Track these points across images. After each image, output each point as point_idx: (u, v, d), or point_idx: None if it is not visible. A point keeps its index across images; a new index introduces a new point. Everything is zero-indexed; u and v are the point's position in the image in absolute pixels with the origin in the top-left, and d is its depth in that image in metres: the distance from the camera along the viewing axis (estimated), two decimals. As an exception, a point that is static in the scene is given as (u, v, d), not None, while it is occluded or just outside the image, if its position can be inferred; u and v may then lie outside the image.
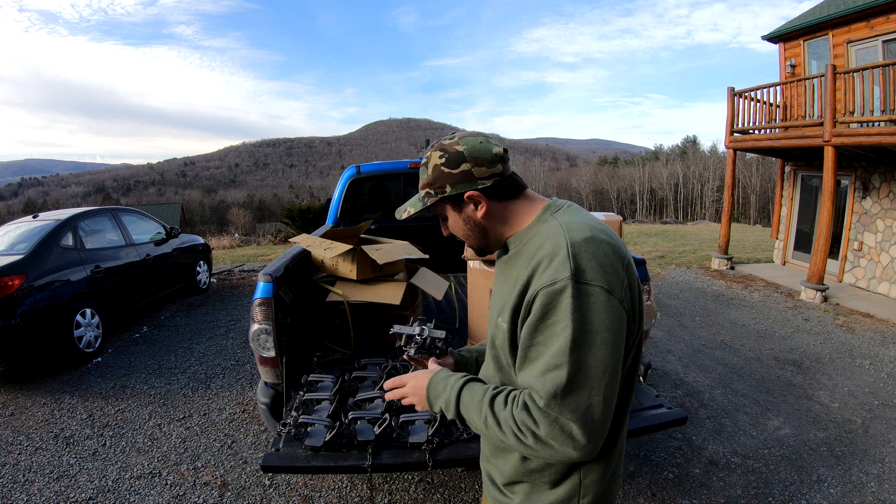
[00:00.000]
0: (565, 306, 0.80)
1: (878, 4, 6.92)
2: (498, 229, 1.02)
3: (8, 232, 4.79)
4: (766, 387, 3.89)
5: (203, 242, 7.29)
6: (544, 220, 0.97)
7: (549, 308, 0.82)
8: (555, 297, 0.81)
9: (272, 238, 17.03)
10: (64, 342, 4.26)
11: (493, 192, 0.98)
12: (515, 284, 0.91)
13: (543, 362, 0.82)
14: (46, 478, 2.76)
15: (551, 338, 0.82)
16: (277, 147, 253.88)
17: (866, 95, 6.02)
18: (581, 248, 0.84)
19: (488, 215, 1.00)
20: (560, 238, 0.87)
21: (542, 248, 0.88)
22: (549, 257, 0.85)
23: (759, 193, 52.45)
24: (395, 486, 2.63)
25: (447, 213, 1.04)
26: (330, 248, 2.74)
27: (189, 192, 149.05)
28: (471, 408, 0.93)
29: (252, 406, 3.58)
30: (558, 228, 0.90)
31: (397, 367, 2.47)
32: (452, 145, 0.98)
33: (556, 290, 0.81)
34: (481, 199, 0.98)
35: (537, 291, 0.83)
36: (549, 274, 0.83)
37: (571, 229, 0.88)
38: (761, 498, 2.56)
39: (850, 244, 7.65)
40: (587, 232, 0.87)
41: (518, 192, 1.01)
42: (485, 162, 0.96)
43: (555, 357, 0.80)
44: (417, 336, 1.19)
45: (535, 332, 0.84)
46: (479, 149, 0.96)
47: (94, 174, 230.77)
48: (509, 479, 1.02)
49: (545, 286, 0.82)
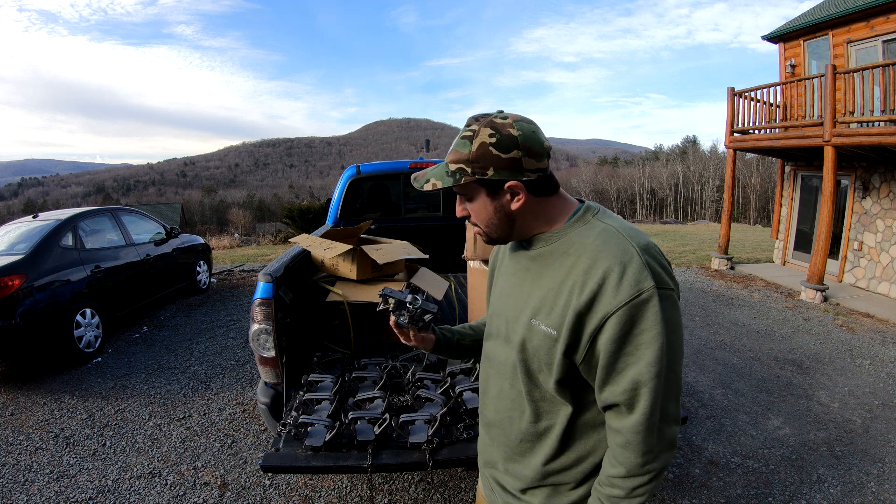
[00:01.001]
0: (653, 315, 0.80)
1: (878, 4, 6.92)
2: (528, 224, 0.96)
3: (8, 232, 4.79)
4: (766, 387, 3.89)
5: (203, 242, 7.29)
6: (587, 222, 0.93)
7: (638, 319, 0.81)
8: (642, 307, 0.80)
9: (272, 238, 17.03)
10: (64, 342, 4.26)
11: (533, 187, 0.92)
12: (568, 289, 0.86)
13: (640, 374, 0.82)
14: (46, 478, 2.76)
15: (642, 347, 0.81)
16: (277, 147, 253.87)
17: (866, 95, 6.02)
18: (649, 254, 0.85)
19: (523, 208, 0.93)
20: (625, 244, 0.85)
21: (604, 254, 0.84)
22: (621, 266, 0.82)
23: (759, 193, 52.45)
24: (395, 486, 2.63)
25: (476, 195, 0.94)
26: (330, 248, 2.74)
27: (189, 192, 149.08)
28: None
29: (252, 406, 3.58)
30: (616, 234, 0.87)
31: (397, 367, 2.47)
32: (506, 127, 0.89)
33: (643, 300, 0.80)
34: (521, 191, 0.91)
35: (619, 306, 0.80)
36: (630, 284, 0.81)
37: (630, 235, 0.87)
38: (761, 498, 2.56)
39: (850, 244, 7.65)
40: (643, 237, 0.88)
41: (555, 190, 0.96)
42: (535, 154, 0.89)
43: (652, 367, 0.81)
44: (409, 305, 1.12)
45: (623, 344, 0.82)
46: (533, 139, 0.89)
47: (94, 174, 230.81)
48: (529, 484, 1.00)
49: (631, 298, 0.80)
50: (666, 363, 0.82)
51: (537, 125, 0.92)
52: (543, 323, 0.90)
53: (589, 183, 73.84)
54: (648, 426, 0.83)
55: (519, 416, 0.99)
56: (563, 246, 0.92)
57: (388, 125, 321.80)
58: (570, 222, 0.94)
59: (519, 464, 1.01)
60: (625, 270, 0.81)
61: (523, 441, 0.99)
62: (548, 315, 0.89)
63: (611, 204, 69.18)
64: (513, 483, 1.03)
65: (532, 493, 1.00)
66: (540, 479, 0.98)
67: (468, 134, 0.90)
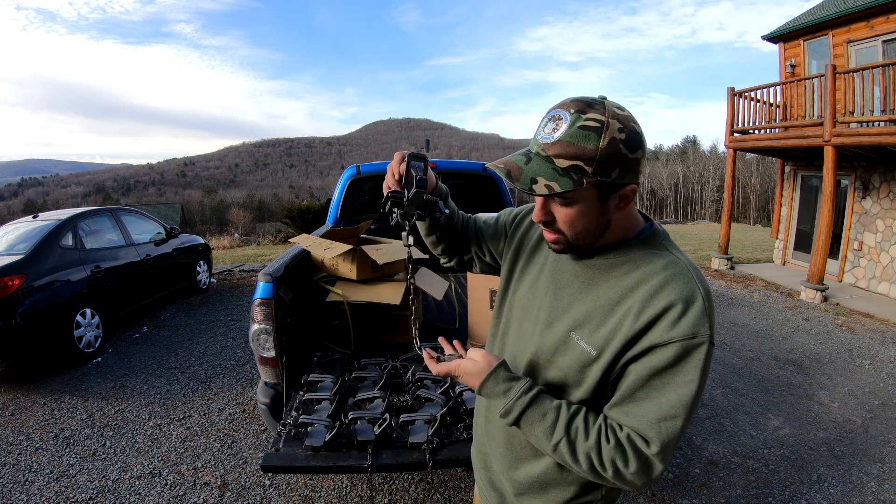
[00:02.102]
0: (698, 362, 0.77)
1: (878, 4, 6.92)
2: (616, 231, 0.88)
3: (8, 232, 4.79)
4: (766, 387, 3.90)
5: (203, 242, 7.29)
6: (656, 246, 0.88)
7: (682, 359, 0.78)
8: (692, 351, 0.77)
9: (272, 238, 17.04)
10: (64, 342, 4.26)
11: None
12: (622, 312, 0.82)
13: (659, 410, 0.78)
14: (46, 478, 2.76)
15: (672, 386, 0.78)
16: (277, 147, 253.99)
17: (866, 95, 6.02)
18: (710, 302, 0.81)
19: (624, 214, 0.86)
20: (693, 285, 0.81)
21: (669, 288, 0.80)
22: (684, 304, 0.78)
23: (759, 193, 52.46)
24: (395, 486, 2.63)
25: (584, 199, 0.81)
26: (330, 248, 2.74)
27: (189, 192, 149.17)
28: (537, 427, 0.84)
29: (252, 406, 3.58)
30: (686, 270, 0.83)
31: (397, 367, 2.47)
32: (630, 121, 0.77)
33: (695, 344, 0.77)
34: (634, 195, 0.82)
35: (671, 341, 0.77)
36: (689, 325, 0.77)
37: (698, 276, 0.83)
38: (761, 498, 2.56)
39: (850, 244, 7.65)
40: (706, 282, 0.84)
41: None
42: (644, 153, 0.80)
43: (674, 408, 0.78)
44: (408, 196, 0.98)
45: (654, 376, 0.79)
46: (642, 134, 0.79)
47: (93, 174, 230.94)
48: (527, 490, 0.99)
49: (686, 337, 0.77)
50: (690, 411, 0.79)
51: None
52: (584, 340, 0.85)
53: (589, 183, 73.74)
54: (647, 457, 0.79)
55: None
56: (625, 264, 0.86)
57: (389, 125, 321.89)
58: (638, 241, 0.88)
59: (519, 469, 0.99)
60: (687, 309, 0.78)
61: (527, 447, 0.96)
62: (591, 333, 0.84)
63: (611, 204, 69.14)
64: (510, 488, 1.02)
65: (530, 497, 0.99)
66: (540, 485, 0.96)
67: (594, 125, 0.75)
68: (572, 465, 0.83)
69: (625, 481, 0.80)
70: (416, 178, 0.98)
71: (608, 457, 0.79)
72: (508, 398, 0.86)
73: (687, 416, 0.78)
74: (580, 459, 0.81)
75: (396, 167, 0.99)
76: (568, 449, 0.82)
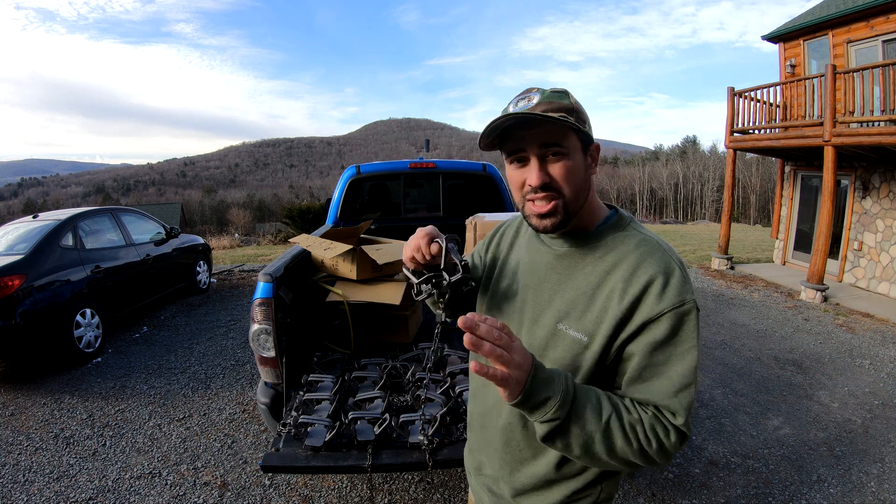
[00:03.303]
0: (692, 328, 0.81)
1: (878, 4, 6.92)
2: (588, 216, 0.91)
3: (8, 232, 4.79)
4: (766, 387, 3.90)
5: (203, 242, 7.29)
6: (624, 229, 0.91)
7: (678, 329, 0.81)
8: (683, 318, 0.81)
9: (272, 238, 17.03)
10: (64, 342, 4.26)
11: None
12: (605, 295, 0.84)
13: (672, 383, 0.80)
14: (46, 478, 2.76)
15: (676, 357, 0.81)
16: (277, 147, 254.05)
17: (866, 95, 6.02)
18: (686, 271, 0.86)
19: (591, 182, 0.91)
20: (667, 258, 0.85)
21: (646, 264, 0.84)
22: (664, 276, 0.82)
23: (759, 193, 52.46)
24: (395, 486, 2.63)
25: (574, 149, 0.85)
26: (330, 248, 2.74)
27: (189, 192, 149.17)
28: (587, 407, 0.78)
29: (252, 406, 3.58)
30: (657, 245, 0.87)
31: (397, 367, 2.47)
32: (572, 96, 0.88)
33: (685, 311, 0.81)
34: (598, 153, 0.90)
35: (662, 313, 0.80)
36: (674, 294, 0.81)
37: (669, 249, 0.87)
38: (761, 498, 2.56)
39: (850, 244, 7.65)
40: (677, 254, 0.88)
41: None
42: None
43: (684, 377, 0.81)
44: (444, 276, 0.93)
45: (656, 351, 0.81)
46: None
47: (93, 174, 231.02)
48: (525, 490, 0.98)
49: (673, 307, 0.80)
50: (697, 374, 0.82)
51: None
52: (573, 328, 0.87)
53: (589, 183, 73.76)
54: (678, 429, 0.80)
55: (524, 424, 0.94)
56: (597, 249, 0.89)
57: (388, 125, 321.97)
58: (606, 226, 0.92)
59: (520, 471, 0.98)
60: (668, 280, 0.82)
61: (524, 448, 0.96)
62: (578, 320, 0.86)
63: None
64: (508, 490, 1.01)
65: (532, 496, 0.98)
66: (545, 483, 0.96)
67: (561, 90, 0.86)
68: (618, 443, 0.78)
69: (665, 455, 0.81)
70: (460, 264, 0.93)
71: (650, 427, 0.80)
72: (558, 383, 0.76)
73: (696, 380, 0.82)
74: (629, 433, 0.78)
75: (425, 247, 0.91)
76: (618, 424, 0.78)
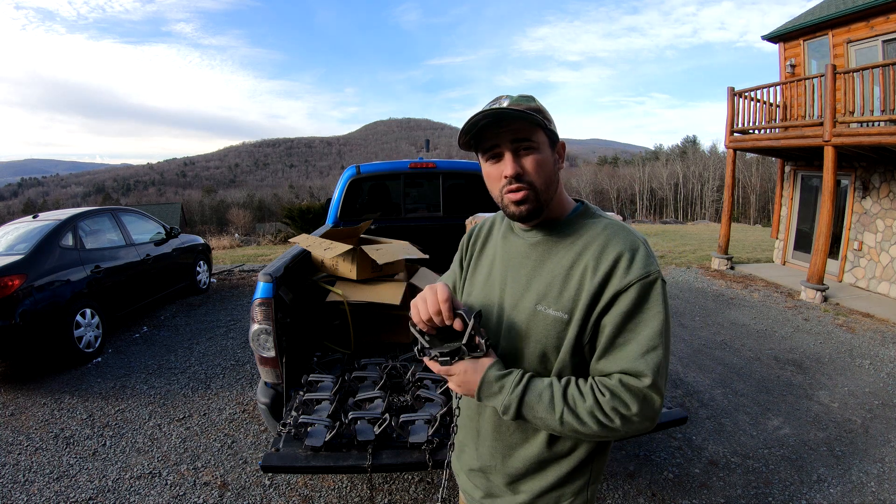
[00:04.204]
0: (658, 295, 0.88)
1: (878, 4, 6.92)
2: (558, 207, 0.99)
3: (8, 232, 4.79)
4: (766, 387, 3.90)
5: (203, 242, 7.29)
6: (592, 216, 0.99)
7: (644, 297, 0.88)
8: (649, 287, 0.88)
9: (272, 238, 17.03)
10: (64, 342, 4.26)
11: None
12: (580, 273, 0.91)
13: (640, 346, 0.86)
14: (46, 478, 2.76)
15: (643, 323, 0.87)
16: (277, 147, 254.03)
17: (866, 95, 6.02)
18: (649, 247, 0.93)
19: (561, 190, 0.99)
20: (632, 236, 0.93)
21: (613, 243, 0.91)
22: (630, 252, 0.90)
23: (759, 193, 52.46)
24: (395, 486, 2.63)
25: (542, 144, 0.94)
26: (330, 248, 2.74)
27: (189, 192, 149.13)
28: (538, 408, 0.88)
29: (252, 406, 3.58)
30: (622, 227, 0.95)
31: (397, 367, 2.47)
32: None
33: (650, 281, 0.88)
34: (564, 151, 1.00)
35: (630, 284, 0.87)
36: (640, 266, 0.88)
37: (634, 230, 0.95)
38: (761, 498, 2.56)
39: (850, 244, 7.65)
40: (642, 234, 0.96)
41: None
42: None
43: (651, 340, 0.86)
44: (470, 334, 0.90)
45: (627, 320, 0.87)
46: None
47: (93, 174, 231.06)
48: (519, 476, 1.02)
49: (640, 279, 0.87)
50: (666, 339, 0.88)
51: None
52: (552, 307, 0.92)
53: (589, 183, 73.84)
54: (641, 392, 0.84)
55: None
56: (568, 236, 0.96)
57: (388, 125, 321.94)
58: (575, 216, 1.00)
59: (513, 456, 1.01)
60: (634, 255, 0.90)
61: (514, 432, 1.00)
62: (556, 300, 0.92)
63: (611, 204, 69.19)
64: (501, 479, 1.04)
65: (528, 480, 1.01)
66: (538, 465, 0.99)
67: (527, 95, 0.95)
68: (582, 431, 0.87)
69: (633, 425, 0.86)
70: (485, 344, 0.91)
71: (609, 407, 0.85)
72: (504, 395, 0.91)
73: (665, 344, 0.87)
74: (587, 421, 0.86)
75: (447, 315, 0.88)
76: (572, 416, 0.86)
